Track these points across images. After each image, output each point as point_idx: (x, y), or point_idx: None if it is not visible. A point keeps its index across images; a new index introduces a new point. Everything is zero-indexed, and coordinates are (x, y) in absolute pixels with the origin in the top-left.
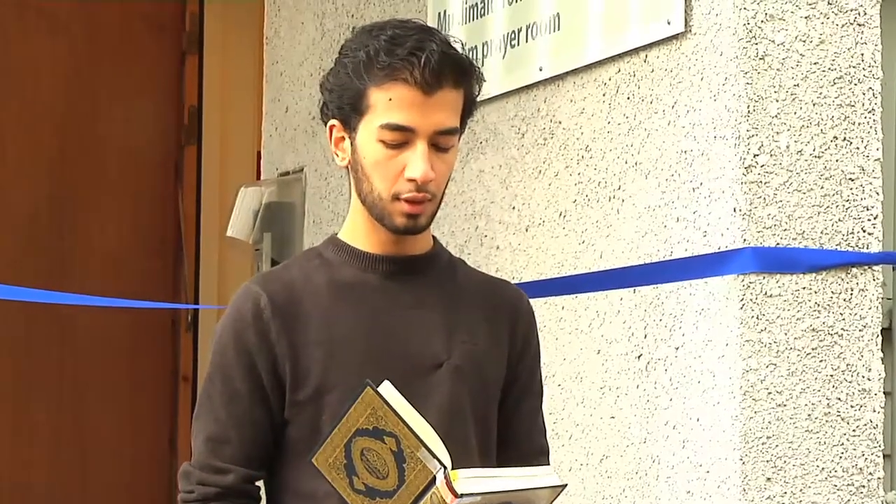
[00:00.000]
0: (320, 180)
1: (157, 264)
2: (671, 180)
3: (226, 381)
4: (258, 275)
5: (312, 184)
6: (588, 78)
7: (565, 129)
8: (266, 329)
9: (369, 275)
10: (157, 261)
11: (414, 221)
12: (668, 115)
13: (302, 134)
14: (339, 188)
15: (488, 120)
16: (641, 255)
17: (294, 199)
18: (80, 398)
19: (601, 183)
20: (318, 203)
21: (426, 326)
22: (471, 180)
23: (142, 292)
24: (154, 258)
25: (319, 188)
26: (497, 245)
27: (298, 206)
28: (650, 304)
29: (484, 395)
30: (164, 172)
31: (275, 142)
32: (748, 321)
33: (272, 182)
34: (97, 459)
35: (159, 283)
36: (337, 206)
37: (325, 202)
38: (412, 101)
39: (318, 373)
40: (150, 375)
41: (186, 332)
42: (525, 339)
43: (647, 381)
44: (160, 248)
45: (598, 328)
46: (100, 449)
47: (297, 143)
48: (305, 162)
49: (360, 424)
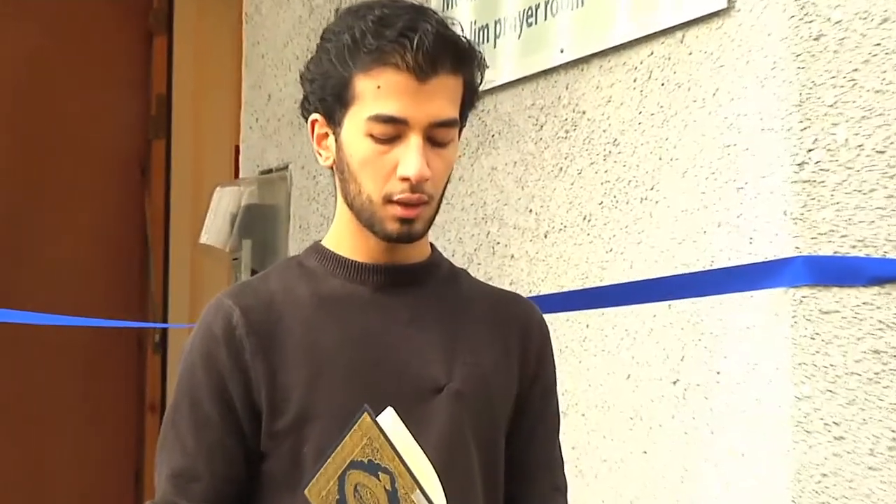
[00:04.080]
0: (307, 179)
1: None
2: (712, 179)
3: (194, 408)
4: (232, 287)
5: (299, 183)
6: (616, 61)
7: (590, 119)
8: (239, 348)
9: (358, 286)
10: (120, 273)
11: (408, 227)
12: (709, 104)
13: (286, 126)
14: (328, 188)
15: (501, 110)
16: (678, 265)
17: (277, 201)
18: (32, 430)
19: (631, 182)
20: (306, 205)
21: (423, 345)
22: (481, 179)
23: (103, 309)
24: (117, 270)
25: (307, 188)
26: (511, 254)
27: (283, 209)
28: (688, 322)
29: (490, 423)
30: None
31: (255, 135)
32: (801, 341)
33: (252, 181)
34: (52, 498)
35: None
36: (326, 209)
37: (314, 204)
38: (404, 89)
39: (299, 399)
40: (113, 404)
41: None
42: (538, 360)
43: (685, 410)
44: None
45: (627, 349)
46: (55, 487)
47: (281, 137)
48: (290, 158)
49: (354, 455)
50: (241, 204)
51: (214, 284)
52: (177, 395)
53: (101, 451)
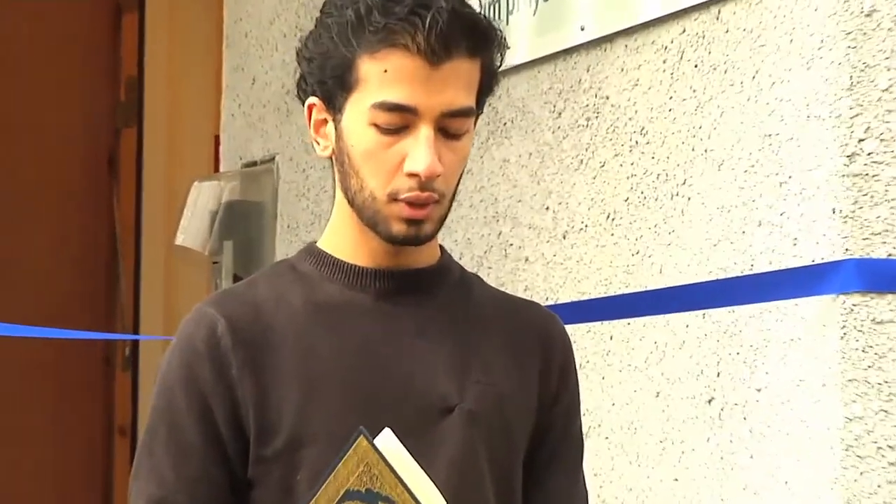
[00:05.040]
0: (297, 173)
1: (87, 283)
2: (751, 172)
3: (173, 432)
4: (214, 294)
5: (287, 177)
6: (644, 40)
7: (614, 106)
8: (225, 363)
9: (358, 294)
10: (86, 279)
11: (416, 229)
12: (748, 88)
13: (273, 113)
14: (321, 183)
15: (515, 95)
16: (713, 270)
17: (263, 198)
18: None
19: (660, 176)
20: (294, 202)
21: (432, 360)
22: (492, 173)
23: (67, 319)
24: (82, 275)
25: (296, 183)
26: (526, 256)
27: (269, 207)
28: (724, 333)
29: (506, 449)
30: (95, 164)
31: (238, 123)
32: (851, 355)
33: (234, 175)
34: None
35: (88, 308)
36: (318, 207)
37: (304, 201)
38: (414, 74)
39: (291, 421)
40: (79, 427)
41: (123, 372)
42: (560, 377)
43: (721, 432)
44: (89, 263)
45: (656, 364)
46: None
47: (267, 125)
48: (277, 149)
49: (350, 484)
50: (221, 201)
51: (192, 292)
52: (153, 418)
53: (64, 482)
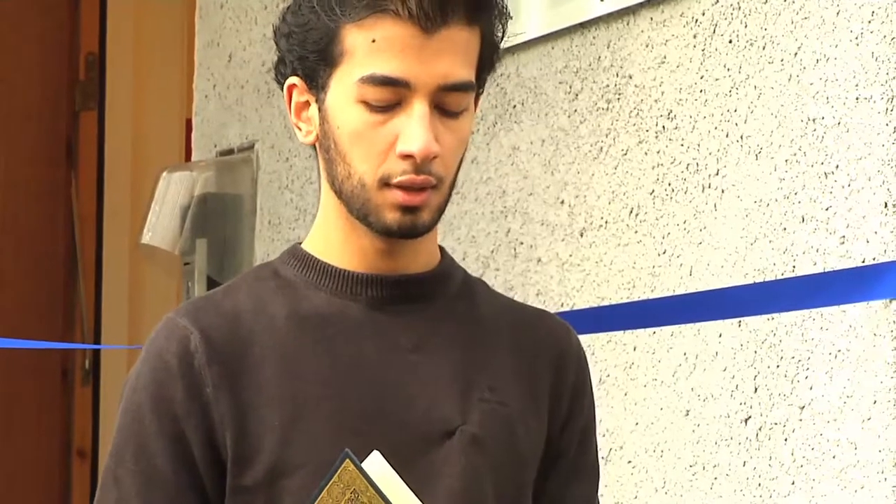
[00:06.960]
0: (279, 162)
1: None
2: (793, 161)
3: (140, 458)
4: (187, 303)
5: (267, 167)
6: (672, 12)
7: (638, 86)
8: (199, 382)
9: (349, 303)
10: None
11: (412, 217)
12: (789, 66)
13: (252, 94)
14: (306, 174)
15: (525, 74)
16: (749, 272)
17: (241, 190)
18: None
19: (690, 166)
20: (277, 195)
21: (431, 379)
22: (500, 161)
23: (19, 328)
24: (36, 277)
25: (278, 173)
26: (538, 256)
27: (247, 200)
28: (762, 343)
29: (514, 476)
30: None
31: (212, 106)
32: None
33: (208, 165)
34: None
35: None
36: (303, 201)
37: (287, 194)
38: (405, 44)
39: (273, 446)
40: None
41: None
42: (574, 395)
43: (759, 455)
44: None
45: (685, 378)
46: None
47: (245, 108)
48: (257, 135)
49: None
50: (193, 194)
51: (160, 297)
52: (118, 441)
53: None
